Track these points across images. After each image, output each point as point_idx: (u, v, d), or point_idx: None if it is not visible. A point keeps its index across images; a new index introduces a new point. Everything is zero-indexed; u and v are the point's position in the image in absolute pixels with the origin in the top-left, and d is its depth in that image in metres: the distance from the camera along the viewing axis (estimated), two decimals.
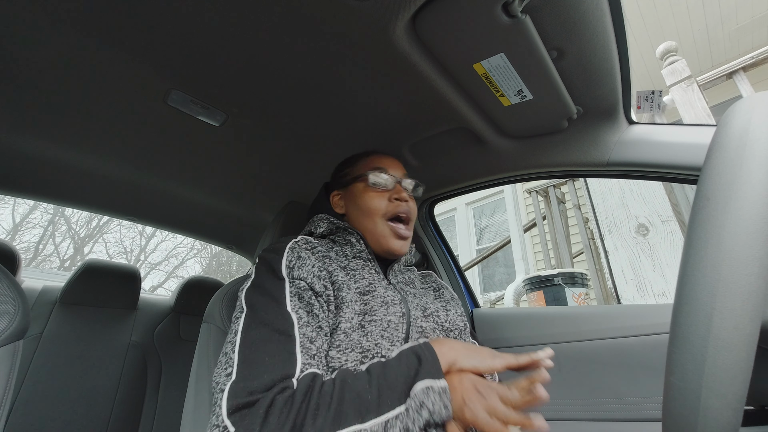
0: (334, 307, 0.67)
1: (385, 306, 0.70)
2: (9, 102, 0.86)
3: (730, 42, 3.87)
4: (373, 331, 0.66)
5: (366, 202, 0.81)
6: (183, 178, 1.23)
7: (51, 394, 1.18)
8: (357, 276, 0.74)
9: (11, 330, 0.65)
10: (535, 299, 3.16)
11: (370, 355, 0.63)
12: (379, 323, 0.67)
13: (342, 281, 0.70)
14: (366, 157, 0.88)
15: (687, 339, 0.34)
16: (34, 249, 10.00)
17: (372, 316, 0.67)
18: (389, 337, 0.67)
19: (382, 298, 0.71)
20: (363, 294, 0.71)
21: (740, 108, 0.39)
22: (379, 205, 0.81)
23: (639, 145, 0.88)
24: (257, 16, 0.65)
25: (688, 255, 0.36)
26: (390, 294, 0.74)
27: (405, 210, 0.81)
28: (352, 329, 0.65)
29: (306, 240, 0.77)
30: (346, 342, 0.63)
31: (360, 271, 0.76)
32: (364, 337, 0.65)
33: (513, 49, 0.68)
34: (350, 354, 0.63)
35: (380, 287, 0.74)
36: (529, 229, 4.61)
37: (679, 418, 0.34)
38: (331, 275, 0.70)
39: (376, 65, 0.74)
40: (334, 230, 0.82)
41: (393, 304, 0.72)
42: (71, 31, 0.69)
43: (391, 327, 0.68)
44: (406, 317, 0.71)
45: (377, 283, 0.75)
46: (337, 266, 0.73)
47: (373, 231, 0.80)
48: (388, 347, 0.65)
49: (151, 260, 11.86)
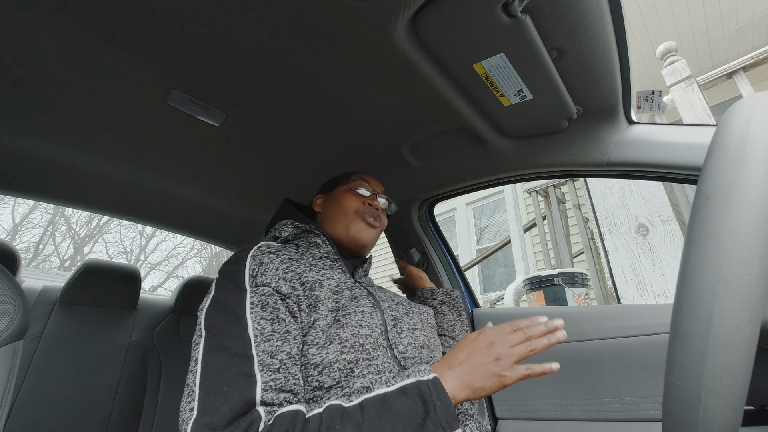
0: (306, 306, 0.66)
1: (356, 300, 0.73)
2: (9, 102, 0.86)
3: (730, 42, 3.87)
4: (349, 323, 0.66)
5: (344, 201, 0.90)
6: (183, 178, 1.23)
7: (51, 394, 1.18)
8: (327, 275, 0.75)
9: (11, 330, 0.65)
10: (535, 299, 3.16)
11: (349, 344, 0.63)
12: (353, 315, 0.68)
13: (314, 280, 0.70)
14: (354, 173, 1.00)
15: (687, 339, 0.34)
16: (34, 249, 10.00)
17: (345, 311, 0.69)
18: (367, 325, 0.68)
19: (351, 296, 0.74)
20: (334, 293, 0.72)
21: (740, 108, 0.39)
22: (355, 204, 0.90)
23: (639, 145, 0.88)
24: (257, 16, 0.65)
25: (688, 255, 0.36)
26: (357, 290, 0.77)
27: (376, 215, 0.90)
28: (328, 325, 0.65)
29: (268, 245, 0.76)
30: (323, 338, 0.63)
31: (329, 271, 0.76)
32: (340, 329, 0.65)
33: (513, 49, 0.68)
34: (330, 347, 0.62)
35: (347, 287, 0.76)
36: (529, 229, 4.61)
37: (679, 418, 0.34)
38: (301, 276, 0.70)
39: (376, 65, 0.74)
40: (298, 234, 0.85)
41: (362, 297, 0.75)
42: (71, 31, 0.69)
43: (366, 316, 0.70)
44: (377, 306, 0.76)
45: (344, 282, 0.77)
46: (305, 267, 0.73)
47: (343, 221, 0.88)
48: (368, 333, 0.67)
49: (151, 260, 11.87)
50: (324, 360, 0.61)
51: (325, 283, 0.71)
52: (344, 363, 0.62)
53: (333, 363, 0.62)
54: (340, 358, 0.62)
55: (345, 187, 0.94)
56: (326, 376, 0.61)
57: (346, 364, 0.62)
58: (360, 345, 0.65)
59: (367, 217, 0.88)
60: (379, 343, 0.68)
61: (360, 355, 0.64)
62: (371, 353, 0.65)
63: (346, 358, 0.62)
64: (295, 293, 0.67)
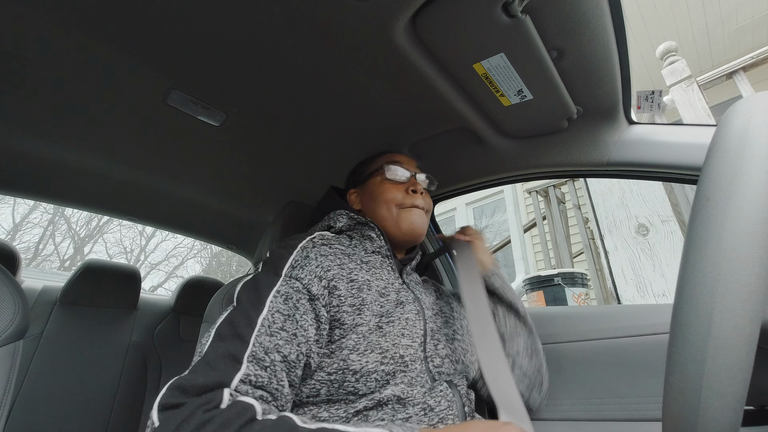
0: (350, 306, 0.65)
1: (401, 306, 0.71)
2: (9, 102, 0.86)
3: (730, 42, 3.87)
4: (391, 331, 0.65)
5: (383, 194, 0.83)
6: (183, 178, 1.23)
7: (51, 394, 1.18)
8: (377, 275, 0.73)
9: (11, 330, 0.65)
10: (535, 299, 3.16)
11: (390, 354, 0.62)
12: (397, 323, 0.67)
13: (363, 280, 0.69)
14: (381, 155, 0.91)
15: (687, 339, 0.34)
16: (34, 249, 10.00)
17: (389, 318, 0.67)
18: (409, 334, 0.67)
19: (396, 300, 0.71)
20: (381, 295, 0.70)
21: (740, 108, 0.39)
22: (396, 195, 0.82)
23: (639, 145, 0.88)
24: (257, 16, 0.65)
25: (688, 255, 0.36)
26: (403, 294, 0.74)
27: (420, 203, 0.83)
28: (370, 331, 0.64)
29: (322, 236, 0.75)
30: (364, 345, 0.62)
31: (379, 270, 0.75)
32: (382, 337, 0.64)
33: (513, 49, 0.68)
34: (370, 356, 0.61)
35: (394, 289, 0.74)
36: (529, 229, 4.61)
37: (679, 418, 0.34)
38: (351, 273, 0.69)
39: (376, 65, 0.74)
40: (353, 225, 0.82)
41: (407, 302, 0.72)
42: (71, 31, 0.69)
43: (409, 324, 0.68)
44: (422, 314, 0.73)
45: (392, 283, 0.75)
46: (356, 264, 0.72)
47: (390, 218, 0.81)
48: (408, 344, 0.65)
49: (151, 260, 11.85)
50: (363, 369, 0.60)
51: (373, 284, 0.70)
52: (382, 374, 0.61)
53: (371, 373, 0.61)
54: (378, 369, 0.61)
55: (379, 177, 0.86)
56: (362, 384, 0.60)
57: (384, 375, 0.61)
58: (400, 356, 0.63)
59: (414, 208, 0.82)
60: (417, 355, 0.66)
61: (398, 368, 0.63)
62: (409, 365, 0.64)
63: (385, 369, 0.61)
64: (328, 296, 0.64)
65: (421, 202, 0.83)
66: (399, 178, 0.84)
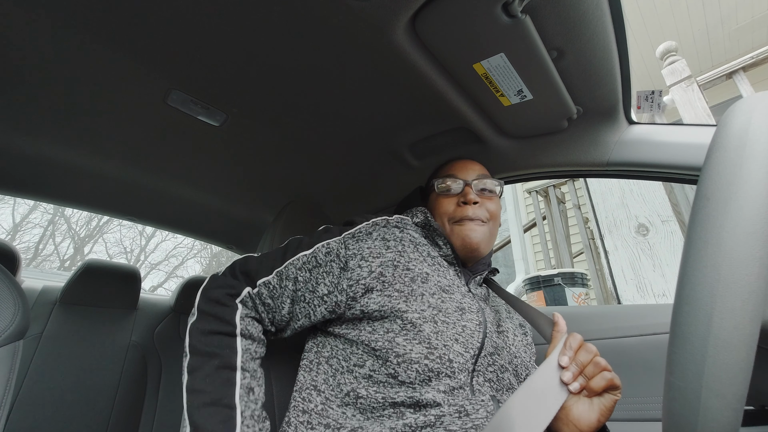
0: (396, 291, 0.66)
1: (461, 311, 0.68)
2: (9, 102, 0.86)
3: (730, 42, 3.87)
4: (445, 331, 0.64)
5: (437, 208, 0.85)
6: (183, 178, 1.23)
7: (51, 394, 1.18)
8: (441, 273, 0.73)
9: (11, 330, 0.65)
10: (535, 299, 3.16)
11: (437, 353, 0.61)
12: (452, 325, 0.65)
13: (420, 271, 0.70)
14: (444, 166, 0.91)
15: (687, 339, 0.34)
16: (34, 249, 10.00)
17: (446, 317, 0.66)
18: (464, 342, 0.65)
19: (459, 303, 0.70)
20: (444, 291, 0.69)
21: (740, 108, 0.39)
22: (447, 209, 0.82)
23: (639, 145, 0.88)
24: (257, 16, 0.65)
25: (688, 255, 0.36)
26: (468, 301, 0.72)
27: (472, 214, 0.80)
28: (425, 320, 0.64)
29: (401, 220, 0.80)
30: (413, 333, 0.62)
31: (444, 269, 0.75)
32: (435, 333, 0.63)
33: (513, 49, 0.68)
34: (417, 346, 0.61)
35: (459, 292, 0.72)
36: (529, 229, 4.61)
37: (679, 418, 0.34)
38: (410, 263, 0.70)
39: (376, 65, 0.74)
40: (427, 226, 0.83)
41: (470, 311, 0.70)
42: (71, 31, 0.69)
43: (466, 332, 0.66)
44: (483, 326, 0.69)
45: (459, 287, 0.74)
46: (419, 255, 0.73)
47: (446, 232, 0.81)
48: (460, 352, 0.63)
49: (151, 260, 11.86)
50: (406, 356, 0.60)
51: (433, 278, 0.70)
52: (424, 368, 0.60)
53: (413, 363, 0.60)
54: (422, 362, 0.60)
55: (434, 192, 0.86)
56: (403, 370, 0.60)
57: (427, 370, 0.60)
58: (449, 360, 0.62)
59: (465, 220, 0.79)
60: (467, 366, 0.64)
61: (444, 369, 0.61)
62: (456, 374, 0.62)
63: (429, 365, 0.60)
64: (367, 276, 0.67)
65: (473, 212, 0.79)
66: (451, 192, 0.83)
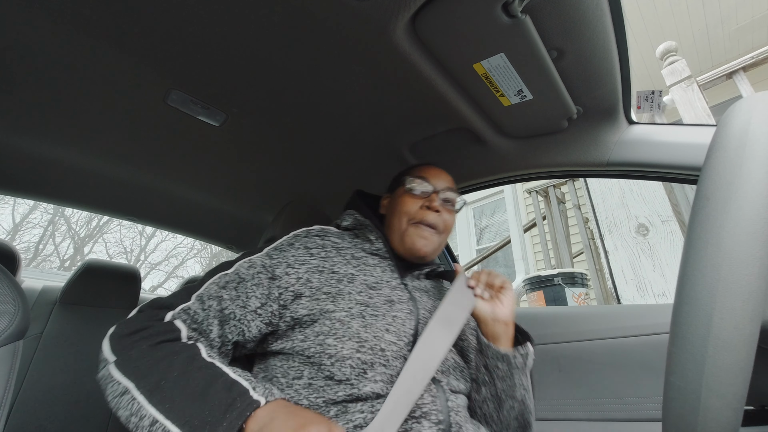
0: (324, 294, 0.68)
1: (390, 304, 0.71)
2: (9, 102, 0.86)
3: (730, 42, 3.87)
4: (374, 324, 0.66)
5: (399, 205, 0.84)
6: (183, 178, 1.23)
7: (51, 394, 1.18)
8: (367, 271, 0.75)
9: (11, 330, 0.65)
10: (535, 299, 3.16)
11: (368, 345, 0.63)
12: (382, 317, 0.67)
13: (344, 273, 0.72)
14: (418, 166, 0.90)
15: (687, 339, 0.34)
16: (34, 249, 10.00)
17: (375, 311, 0.68)
18: (395, 331, 0.67)
19: (388, 297, 0.72)
20: (370, 288, 0.71)
21: (740, 108, 0.39)
22: (410, 209, 0.81)
23: (639, 145, 0.88)
24: (257, 16, 0.65)
25: (688, 255, 0.36)
26: (397, 293, 0.74)
27: (432, 220, 0.80)
28: (352, 317, 0.65)
29: (323, 230, 0.83)
30: (342, 330, 0.64)
31: (371, 268, 0.77)
32: (363, 327, 0.65)
33: (513, 49, 0.68)
34: (347, 342, 0.63)
35: (387, 286, 0.74)
36: (529, 229, 4.61)
37: (679, 418, 0.34)
38: (334, 267, 0.72)
39: (376, 65, 0.74)
40: (357, 226, 0.86)
41: (400, 302, 0.72)
42: (71, 31, 0.69)
43: (397, 322, 0.69)
44: (415, 314, 0.73)
45: (386, 281, 0.75)
46: (343, 258, 0.76)
47: (398, 230, 0.82)
48: (393, 341, 0.66)
49: (151, 260, 11.86)
50: (338, 354, 0.62)
51: (359, 278, 0.72)
52: (357, 362, 0.62)
53: (346, 359, 0.62)
54: (354, 356, 0.62)
55: (403, 187, 0.85)
56: (337, 369, 0.61)
57: (360, 363, 0.62)
58: (381, 350, 0.64)
59: (423, 225, 0.79)
60: (402, 353, 0.66)
61: (377, 359, 0.63)
62: (390, 362, 0.64)
63: (361, 357, 0.62)
64: (295, 283, 0.69)
65: (433, 219, 0.80)
66: (417, 192, 0.82)
